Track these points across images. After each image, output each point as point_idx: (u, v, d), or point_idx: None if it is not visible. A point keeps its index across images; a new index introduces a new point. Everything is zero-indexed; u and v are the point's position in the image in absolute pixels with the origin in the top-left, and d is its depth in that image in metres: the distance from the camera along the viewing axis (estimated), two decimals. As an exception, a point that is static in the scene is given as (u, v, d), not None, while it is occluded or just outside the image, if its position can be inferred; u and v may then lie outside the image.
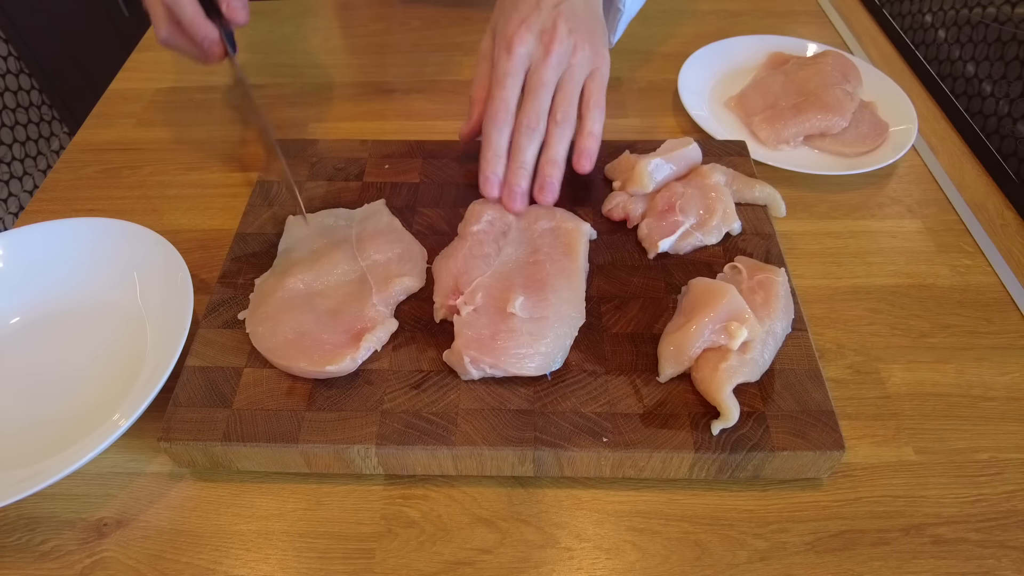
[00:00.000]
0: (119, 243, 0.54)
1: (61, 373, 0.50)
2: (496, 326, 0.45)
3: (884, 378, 0.50)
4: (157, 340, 0.50)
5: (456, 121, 0.71)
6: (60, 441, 0.45)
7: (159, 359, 0.47)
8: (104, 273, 0.54)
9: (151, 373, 0.47)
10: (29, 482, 0.41)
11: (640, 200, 0.54)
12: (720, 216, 0.52)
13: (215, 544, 0.43)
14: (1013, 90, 0.68)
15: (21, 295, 0.53)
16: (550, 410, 0.44)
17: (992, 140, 0.69)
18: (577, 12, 0.53)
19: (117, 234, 0.54)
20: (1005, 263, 0.57)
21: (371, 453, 0.42)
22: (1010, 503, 0.43)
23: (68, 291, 0.54)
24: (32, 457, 0.45)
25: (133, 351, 0.50)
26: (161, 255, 0.52)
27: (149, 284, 0.53)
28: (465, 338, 0.45)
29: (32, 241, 0.54)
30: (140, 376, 0.48)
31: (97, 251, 0.54)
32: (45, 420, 0.47)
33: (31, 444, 0.46)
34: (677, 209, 0.52)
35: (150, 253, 0.53)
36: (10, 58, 1.18)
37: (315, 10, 0.87)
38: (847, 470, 0.45)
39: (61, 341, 0.52)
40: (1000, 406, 0.48)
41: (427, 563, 0.41)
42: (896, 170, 0.65)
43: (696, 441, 0.42)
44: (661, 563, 0.41)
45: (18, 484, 0.41)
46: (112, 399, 0.48)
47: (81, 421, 0.47)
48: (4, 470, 0.44)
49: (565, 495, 0.44)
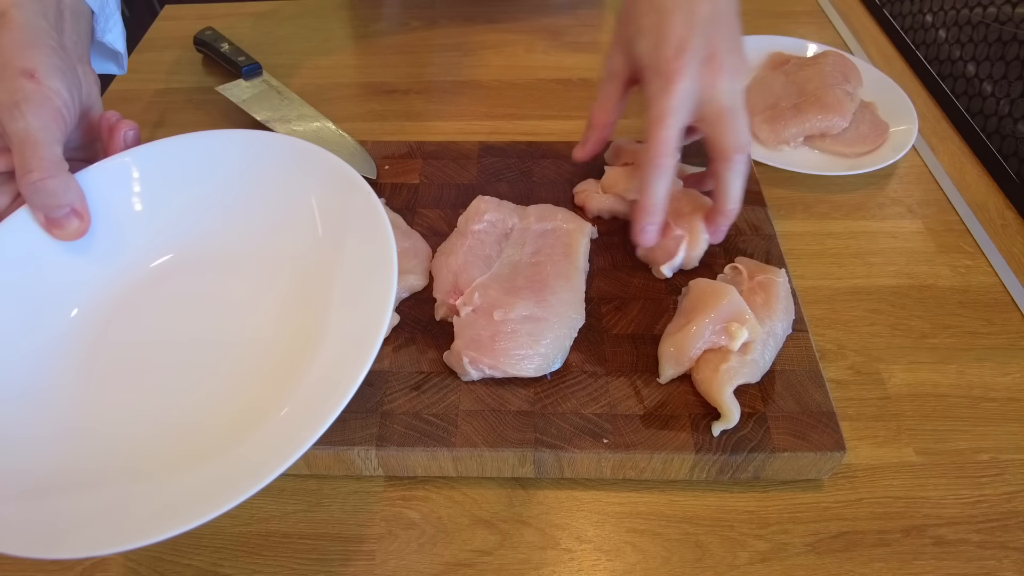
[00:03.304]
0: (292, 167, 0.44)
1: (220, 335, 0.42)
2: (495, 327, 0.45)
3: (885, 379, 0.49)
4: (347, 297, 0.39)
5: (456, 121, 0.71)
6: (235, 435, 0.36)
7: (359, 326, 0.37)
8: (274, 204, 0.44)
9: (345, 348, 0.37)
10: (218, 500, 0.31)
11: (622, 203, 0.54)
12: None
13: (215, 546, 0.42)
14: (1014, 90, 0.68)
15: (166, 228, 0.45)
16: (550, 411, 0.43)
17: (993, 140, 0.69)
18: (728, 23, 0.46)
19: (288, 154, 0.44)
20: (1006, 263, 0.57)
21: (371, 454, 0.42)
22: (1011, 504, 0.43)
23: (225, 226, 0.45)
24: (203, 455, 0.36)
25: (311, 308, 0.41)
26: (351, 190, 0.41)
27: (335, 224, 0.42)
28: (464, 339, 0.44)
29: (174, 156, 0.45)
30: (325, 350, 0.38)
31: (263, 175, 0.44)
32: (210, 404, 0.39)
33: (198, 438, 0.37)
34: (673, 224, 0.50)
35: (335, 186, 0.42)
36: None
37: (315, 10, 0.87)
38: (848, 471, 0.45)
39: (217, 294, 0.43)
40: (1001, 407, 0.48)
41: (427, 565, 0.41)
42: (896, 170, 0.65)
43: (697, 442, 0.42)
44: (662, 564, 0.41)
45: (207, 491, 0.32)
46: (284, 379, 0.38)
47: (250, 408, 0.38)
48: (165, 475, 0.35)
49: (565, 496, 0.44)
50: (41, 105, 0.40)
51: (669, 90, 0.44)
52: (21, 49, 0.41)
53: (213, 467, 0.35)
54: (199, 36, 0.78)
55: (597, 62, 0.79)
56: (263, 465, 0.32)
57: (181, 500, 0.33)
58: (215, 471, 0.34)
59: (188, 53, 0.80)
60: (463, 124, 0.71)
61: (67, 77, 0.42)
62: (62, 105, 0.41)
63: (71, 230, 0.42)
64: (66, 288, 0.43)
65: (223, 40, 0.77)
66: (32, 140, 0.39)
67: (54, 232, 0.42)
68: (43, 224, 0.41)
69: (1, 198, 0.42)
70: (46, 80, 0.41)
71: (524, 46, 0.81)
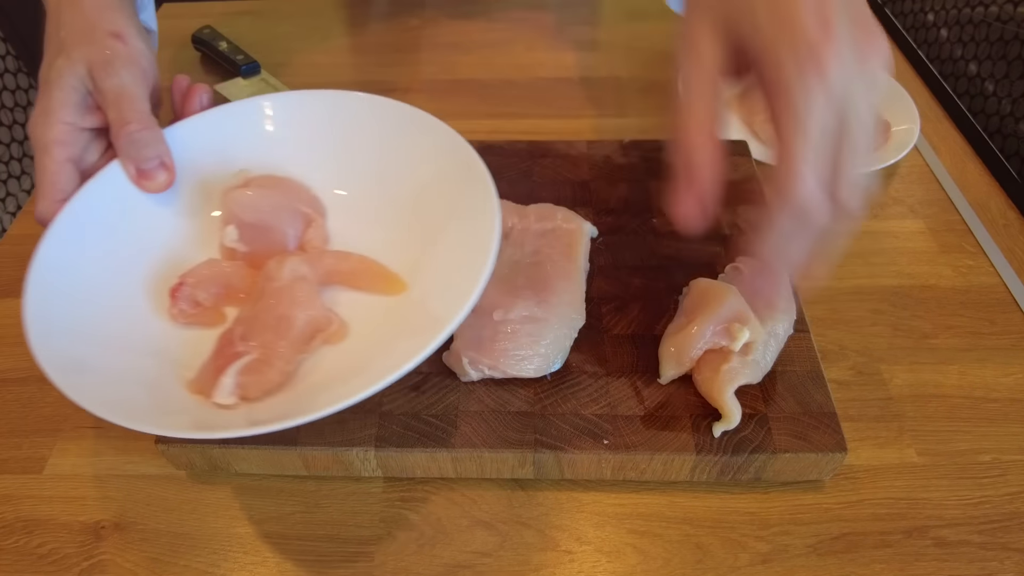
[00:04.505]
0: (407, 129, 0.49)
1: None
2: (495, 327, 0.45)
3: (886, 379, 0.49)
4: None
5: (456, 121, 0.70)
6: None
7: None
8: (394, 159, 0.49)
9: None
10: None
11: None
12: None
13: (213, 547, 0.42)
14: (1015, 89, 0.68)
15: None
16: (550, 412, 0.43)
17: (995, 140, 0.69)
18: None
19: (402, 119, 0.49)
20: (1008, 263, 0.57)
21: (370, 455, 0.42)
22: (1013, 505, 0.43)
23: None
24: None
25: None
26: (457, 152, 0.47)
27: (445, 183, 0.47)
28: (464, 339, 0.44)
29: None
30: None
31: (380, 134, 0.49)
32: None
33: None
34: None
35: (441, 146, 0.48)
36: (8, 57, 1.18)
37: (314, 9, 0.87)
38: (849, 472, 0.45)
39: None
40: (1003, 407, 0.48)
41: (426, 566, 0.41)
42: (898, 170, 0.65)
43: (697, 443, 0.42)
44: (662, 566, 0.41)
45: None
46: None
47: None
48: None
49: (565, 498, 0.44)
50: (131, 63, 0.44)
51: (821, 70, 0.30)
52: (105, 12, 0.44)
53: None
54: (197, 34, 0.78)
55: (598, 60, 0.78)
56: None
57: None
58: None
59: (186, 51, 0.80)
60: (463, 123, 0.70)
61: (145, 39, 0.46)
62: (147, 65, 0.45)
63: (159, 182, 0.44)
64: (159, 238, 0.46)
65: (221, 38, 0.77)
66: (128, 94, 0.43)
67: (143, 184, 0.44)
68: (133, 177, 0.44)
69: (91, 154, 0.45)
70: (132, 40, 0.44)
71: (524, 44, 0.81)
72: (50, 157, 0.42)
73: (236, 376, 0.39)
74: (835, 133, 0.31)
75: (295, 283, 0.43)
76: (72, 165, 0.43)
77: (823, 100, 0.30)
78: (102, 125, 0.44)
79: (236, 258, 0.47)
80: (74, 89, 0.43)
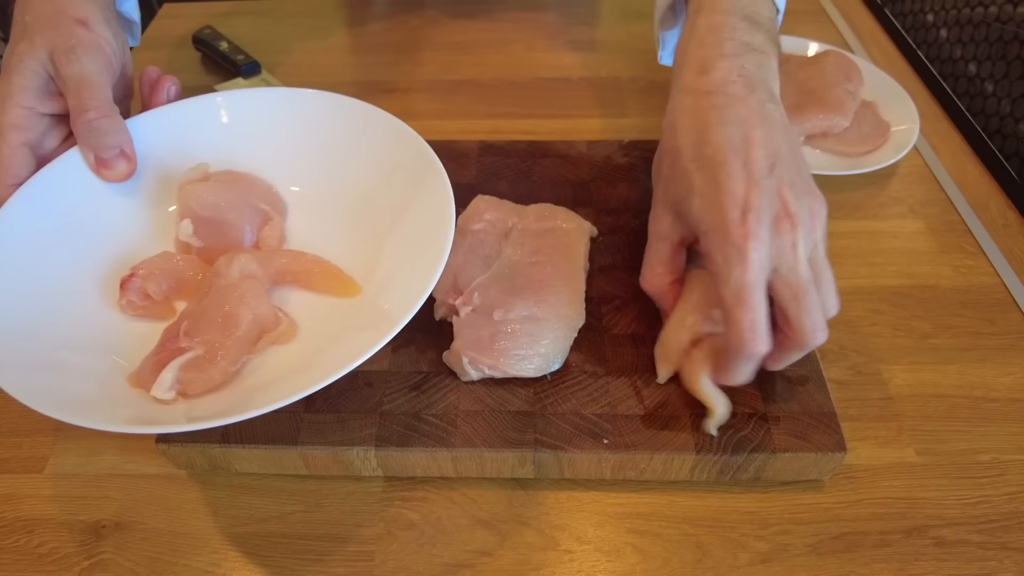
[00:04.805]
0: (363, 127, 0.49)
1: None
2: (495, 327, 0.45)
3: (886, 379, 0.49)
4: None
5: (456, 120, 0.71)
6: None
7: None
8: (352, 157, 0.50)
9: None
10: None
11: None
12: None
13: (213, 546, 0.42)
14: (1015, 90, 0.68)
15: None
16: (550, 412, 0.43)
17: (994, 140, 0.69)
18: (790, 161, 0.39)
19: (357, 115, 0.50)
20: (1007, 264, 0.57)
21: (370, 455, 0.42)
22: (1012, 504, 0.43)
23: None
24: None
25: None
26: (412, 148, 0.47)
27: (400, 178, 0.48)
28: (464, 339, 0.44)
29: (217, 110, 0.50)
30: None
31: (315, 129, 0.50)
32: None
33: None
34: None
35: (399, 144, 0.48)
36: (9, 57, 1.18)
37: (314, 8, 0.87)
38: (849, 472, 0.45)
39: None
40: (1002, 407, 0.48)
41: (426, 565, 0.41)
42: (898, 170, 0.65)
43: (697, 443, 0.42)
44: (662, 565, 0.41)
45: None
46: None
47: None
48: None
49: (565, 497, 0.44)
50: (95, 51, 0.43)
51: (744, 262, 0.36)
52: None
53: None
54: (198, 35, 0.78)
55: (598, 60, 0.79)
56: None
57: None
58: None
59: (187, 52, 0.80)
60: (463, 123, 0.71)
61: (112, 28, 0.45)
62: (111, 53, 0.45)
63: (119, 171, 0.44)
64: (114, 229, 0.46)
65: (222, 39, 0.77)
66: (88, 82, 0.42)
67: (103, 173, 0.44)
68: (92, 165, 0.44)
69: (50, 140, 0.44)
70: (97, 28, 0.44)
71: (524, 44, 0.81)
72: (4, 141, 0.42)
73: (177, 371, 0.38)
74: (766, 291, 0.38)
75: (243, 281, 0.42)
76: (28, 150, 0.43)
77: (754, 278, 0.37)
78: (62, 111, 0.44)
79: (191, 253, 0.46)
80: (35, 74, 0.42)
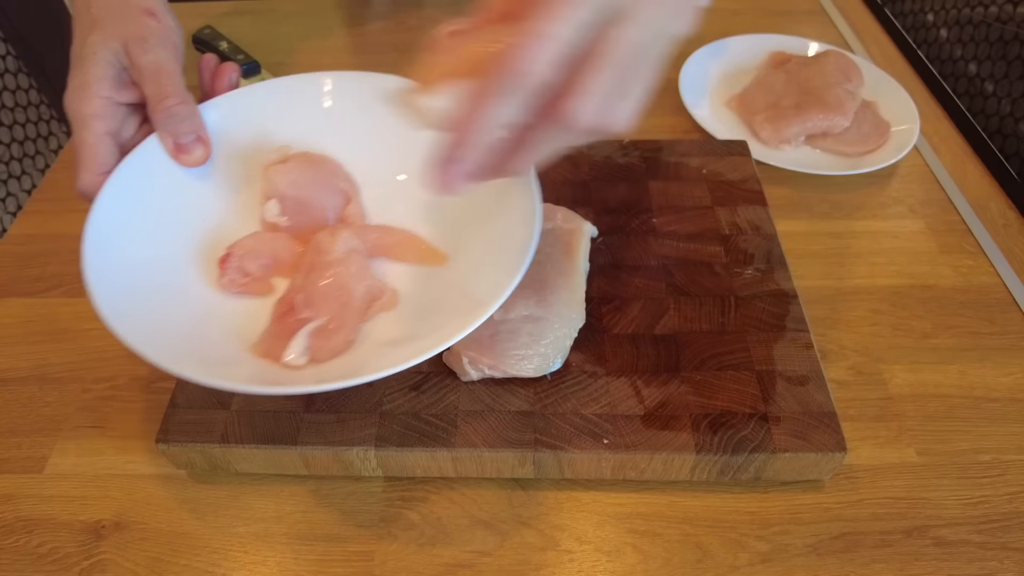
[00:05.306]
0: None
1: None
2: (495, 327, 0.45)
3: (886, 379, 0.49)
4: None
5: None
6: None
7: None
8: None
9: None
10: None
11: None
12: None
13: (213, 546, 0.42)
14: (1015, 90, 0.68)
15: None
16: (550, 412, 0.43)
17: (994, 140, 0.69)
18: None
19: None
20: (1007, 263, 0.57)
21: (370, 455, 0.42)
22: (1012, 504, 0.43)
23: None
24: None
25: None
26: None
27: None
28: (464, 338, 0.44)
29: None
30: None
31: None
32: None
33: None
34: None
35: None
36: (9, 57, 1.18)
37: (314, 8, 0.87)
38: (849, 472, 0.45)
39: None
40: (1002, 407, 0.48)
41: (426, 565, 0.41)
42: (898, 170, 0.65)
43: (697, 443, 0.42)
44: (662, 565, 0.41)
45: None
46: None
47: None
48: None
49: (565, 497, 0.44)
50: (165, 40, 0.45)
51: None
52: None
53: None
54: (198, 35, 0.78)
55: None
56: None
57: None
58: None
59: (186, 51, 0.79)
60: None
61: (174, 17, 0.47)
62: (178, 41, 0.47)
63: (197, 156, 0.45)
64: (199, 213, 0.46)
65: (222, 38, 0.77)
66: (165, 70, 0.44)
67: (181, 158, 0.45)
68: (171, 151, 0.44)
69: (128, 129, 0.45)
70: (164, 19, 0.46)
71: (524, 45, 0.81)
72: (89, 130, 0.42)
73: (307, 339, 0.40)
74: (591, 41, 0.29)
75: (349, 255, 0.44)
76: (111, 138, 0.43)
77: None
78: (137, 101, 0.45)
79: (278, 232, 0.47)
80: (109, 64, 0.43)
